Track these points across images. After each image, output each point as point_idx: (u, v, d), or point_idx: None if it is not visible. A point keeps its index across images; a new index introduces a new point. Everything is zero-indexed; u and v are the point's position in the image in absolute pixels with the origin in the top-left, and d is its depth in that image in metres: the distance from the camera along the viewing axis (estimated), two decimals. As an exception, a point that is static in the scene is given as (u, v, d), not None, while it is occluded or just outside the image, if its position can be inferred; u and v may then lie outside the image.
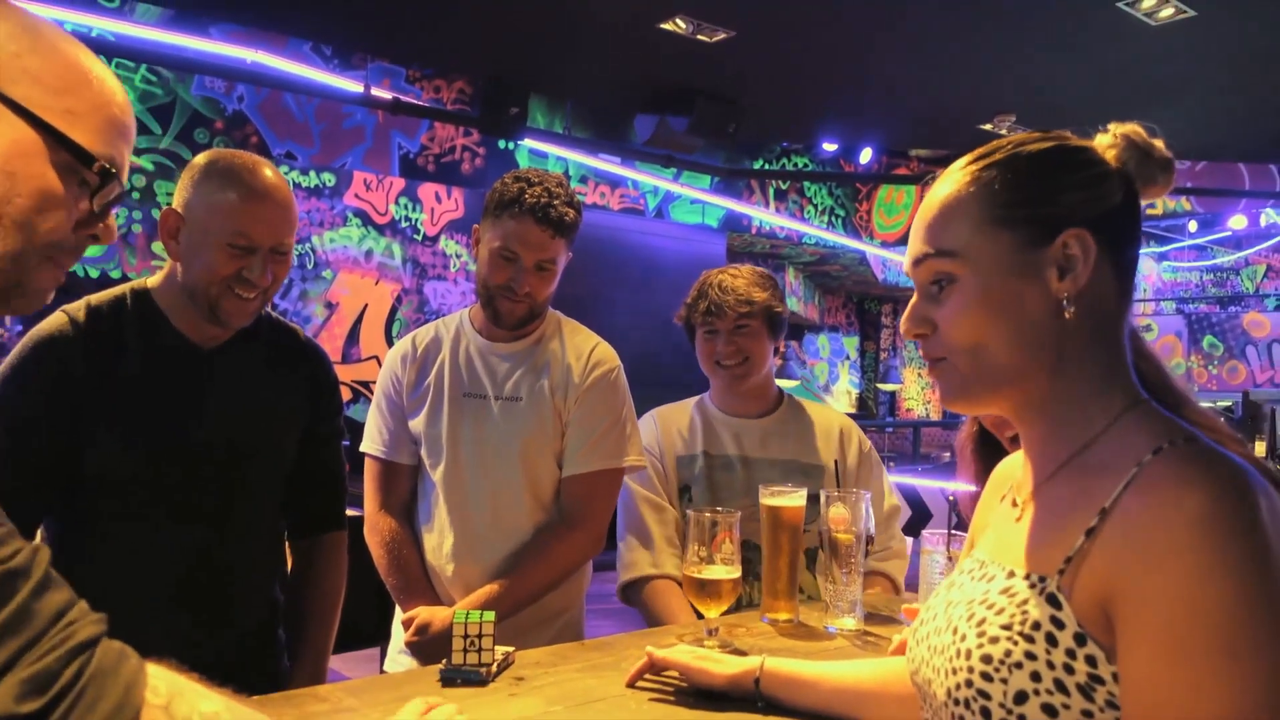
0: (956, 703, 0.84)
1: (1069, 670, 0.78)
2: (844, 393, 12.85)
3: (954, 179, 0.92)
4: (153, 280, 1.54)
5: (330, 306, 6.26)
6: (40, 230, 0.75)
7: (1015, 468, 1.01)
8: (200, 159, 1.49)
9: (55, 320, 1.45)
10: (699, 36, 5.53)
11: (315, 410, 1.66)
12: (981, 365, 0.88)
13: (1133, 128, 0.90)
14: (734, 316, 1.94)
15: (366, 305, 6.44)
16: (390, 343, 6.49)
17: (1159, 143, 0.89)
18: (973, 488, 1.59)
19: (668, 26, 5.41)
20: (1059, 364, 0.87)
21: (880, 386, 13.10)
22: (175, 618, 1.47)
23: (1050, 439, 0.90)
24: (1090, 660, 0.78)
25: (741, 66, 6.04)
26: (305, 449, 1.64)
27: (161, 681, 0.69)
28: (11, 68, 0.74)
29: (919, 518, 5.54)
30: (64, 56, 0.78)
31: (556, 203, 1.75)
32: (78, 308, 1.47)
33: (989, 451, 1.56)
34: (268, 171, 1.48)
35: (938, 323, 0.90)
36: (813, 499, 1.75)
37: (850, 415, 2.60)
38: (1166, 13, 4.96)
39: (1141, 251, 0.93)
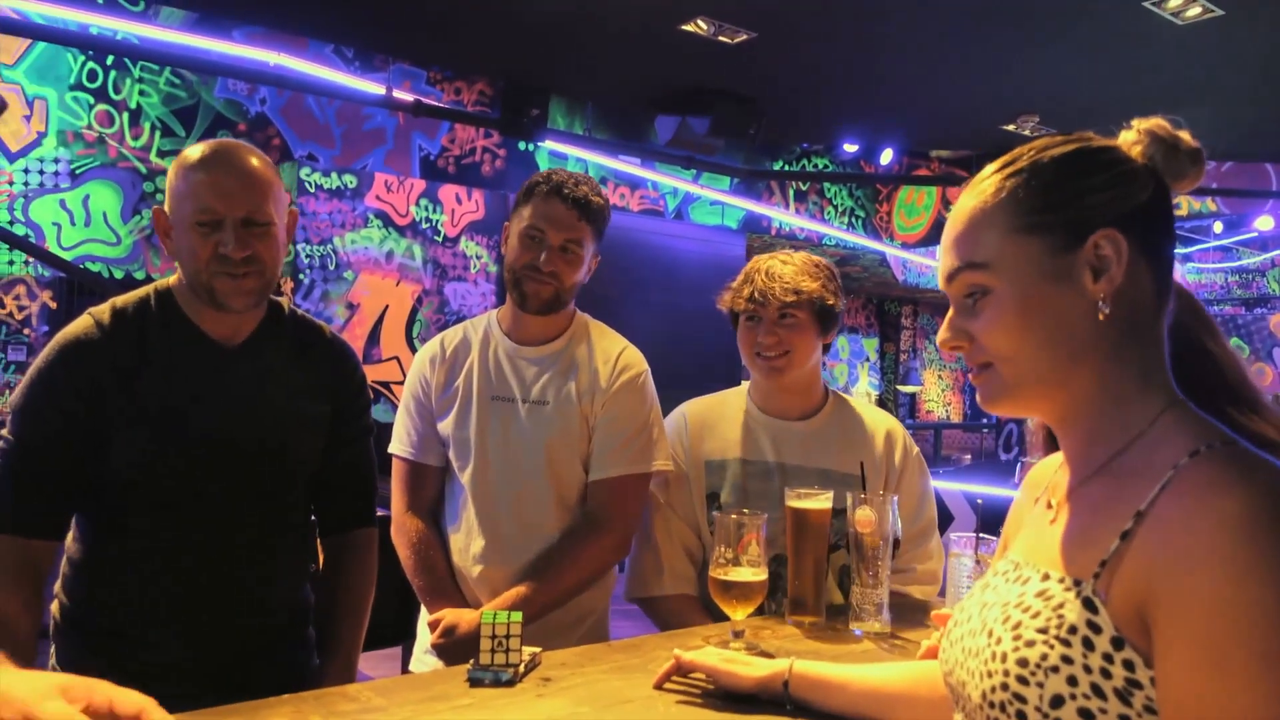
0: (992, 705, 0.83)
1: (1106, 675, 0.77)
2: (863, 395, 12.80)
3: (979, 190, 0.91)
4: (173, 279, 1.55)
5: (351, 307, 6.30)
6: None
7: (1049, 470, 1.01)
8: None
9: (82, 324, 1.47)
10: (720, 38, 5.53)
11: (340, 408, 1.65)
12: (1022, 372, 0.88)
13: (1156, 122, 0.89)
14: (778, 305, 1.81)
15: (387, 306, 6.46)
16: (411, 344, 6.52)
17: (1185, 135, 0.88)
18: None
19: (688, 28, 5.41)
20: (1100, 366, 0.87)
21: (900, 388, 13.04)
22: (196, 614, 1.48)
23: (1089, 442, 0.89)
24: (1128, 665, 0.77)
25: (762, 67, 6.03)
26: (332, 446, 1.64)
27: None
28: None
29: (940, 520, 5.52)
30: None
31: (583, 187, 1.80)
32: (103, 310, 1.48)
33: None
34: (233, 148, 1.47)
35: (975, 335, 0.90)
36: (840, 513, 1.70)
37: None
38: (1194, 12, 4.92)
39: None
